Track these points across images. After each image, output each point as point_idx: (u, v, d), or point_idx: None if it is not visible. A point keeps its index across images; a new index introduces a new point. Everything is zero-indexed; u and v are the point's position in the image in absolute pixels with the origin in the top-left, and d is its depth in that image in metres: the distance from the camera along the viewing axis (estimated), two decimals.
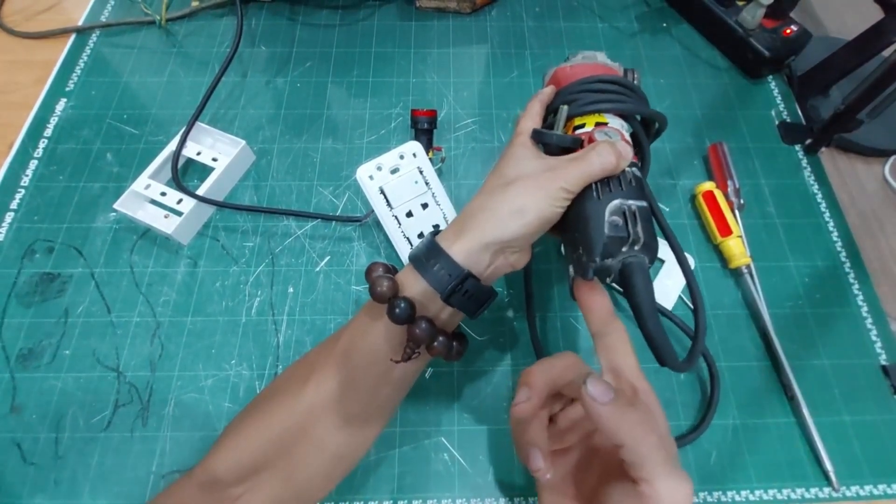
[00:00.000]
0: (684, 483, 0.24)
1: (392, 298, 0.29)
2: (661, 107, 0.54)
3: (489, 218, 0.29)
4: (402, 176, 0.42)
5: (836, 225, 0.48)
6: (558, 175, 0.29)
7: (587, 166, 0.29)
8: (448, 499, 0.37)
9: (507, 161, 0.32)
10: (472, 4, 0.59)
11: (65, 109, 0.53)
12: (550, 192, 0.29)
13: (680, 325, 0.42)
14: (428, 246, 0.30)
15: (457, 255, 0.29)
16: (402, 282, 0.30)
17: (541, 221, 0.29)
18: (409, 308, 0.28)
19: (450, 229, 0.31)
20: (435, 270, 0.29)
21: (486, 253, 0.29)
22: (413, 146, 0.42)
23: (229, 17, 0.60)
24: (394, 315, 0.28)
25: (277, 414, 0.31)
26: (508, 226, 0.29)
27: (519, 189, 0.29)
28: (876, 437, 0.39)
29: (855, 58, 0.49)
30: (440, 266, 0.29)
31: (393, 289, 0.29)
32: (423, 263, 0.29)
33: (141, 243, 0.46)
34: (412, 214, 0.43)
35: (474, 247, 0.29)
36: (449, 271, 0.29)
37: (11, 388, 0.40)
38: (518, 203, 0.29)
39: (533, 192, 0.29)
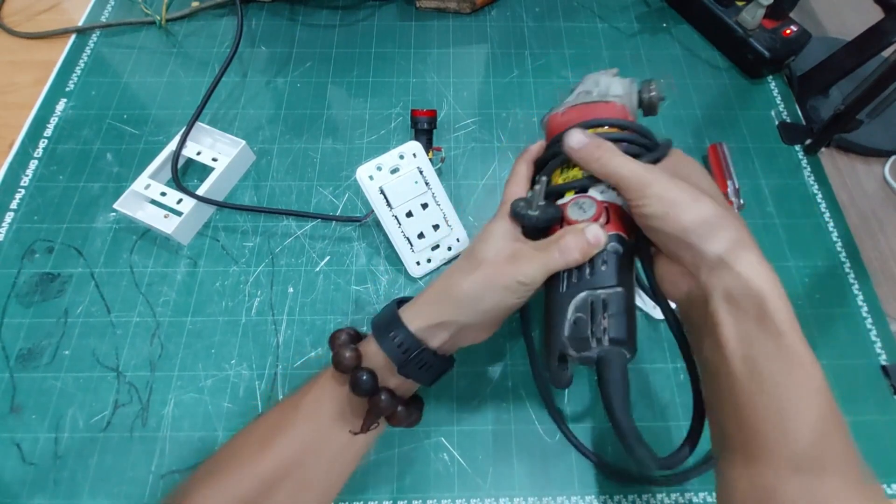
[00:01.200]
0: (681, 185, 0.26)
1: (355, 369, 0.29)
2: (661, 106, 0.54)
3: (447, 300, 0.30)
4: (401, 176, 0.42)
5: (835, 225, 0.48)
6: (518, 268, 0.28)
7: (548, 261, 0.28)
8: (448, 499, 0.37)
9: (481, 237, 0.31)
10: (472, 4, 0.59)
11: (65, 110, 0.53)
12: (508, 285, 0.28)
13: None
14: (388, 315, 0.30)
15: (415, 327, 0.29)
16: (364, 351, 0.30)
17: (499, 311, 0.29)
18: (371, 380, 0.29)
19: (415, 300, 0.31)
20: (394, 341, 0.29)
21: (443, 330, 0.30)
22: (413, 146, 0.42)
23: (229, 18, 0.60)
24: (358, 387, 0.29)
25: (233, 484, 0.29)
26: (464, 312, 0.29)
27: (479, 277, 0.29)
28: (876, 438, 0.39)
29: (855, 58, 0.49)
30: (399, 337, 0.29)
31: (356, 359, 0.29)
32: (382, 333, 0.29)
33: (141, 243, 0.46)
34: (412, 214, 0.43)
35: (432, 323, 0.29)
36: (406, 343, 0.29)
37: (11, 387, 0.40)
38: (475, 291, 0.29)
39: (492, 281, 0.29)
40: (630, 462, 0.37)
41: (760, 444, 0.23)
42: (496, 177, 0.50)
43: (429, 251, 0.44)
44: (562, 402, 0.40)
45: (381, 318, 0.31)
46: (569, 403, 0.40)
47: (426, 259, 0.44)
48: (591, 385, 0.41)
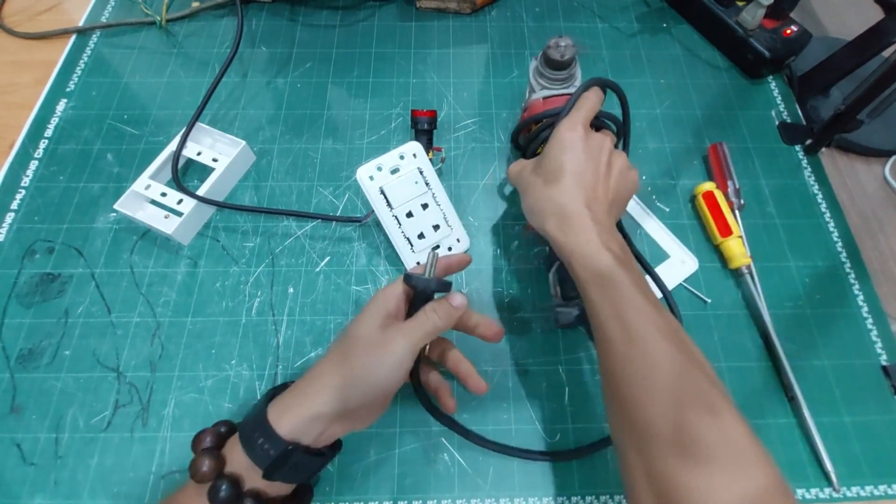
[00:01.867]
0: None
1: (216, 479, 0.27)
2: (662, 107, 0.54)
3: (319, 392, 0.29)
4: (402, 176, 0.42)
5: (836, 225, 0.48)
6: (390, 348, 0.29)
7: (418, 334, 0.30)
8: (448, 499, 0.37)
9: (353, 323, 0.31)
10: (473, 5, 0.59)
11: (65, 110, 0.53)
12: (386, 363, 0.29)
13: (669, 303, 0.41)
14: (256, 417, 0.29)
15: (283, 427, 0.28)
16: (228, 455, 0.29)
17: (377, 394, 0.29)
18: (231, 488, 0.27)
19: (286, 394, 0.30)
20: (259, 444, 0.28)
21: (317, 423, 0.28)
22: (413, 146, 0.42)
23: (229, 18, 0.60)
24: (216, 498, 0.27)
25: None
26: (338, 403, 0.28)
27: (351, 363, 0.29)
28: (876, 438, 0.39)
29: (855, 58, 0.49)
30: (263, 440, 0.28)
31: (216, 468, 0.28)
32: (248, 436, 0.28)
33: (141, 244, 0.46)
34: (412, 215, 0.43)
35: (303, 419, 0.28)
36: (272, 446, 0.27)
37: (11, 388, 0.40)
38: (348, 378, 0.29)
39: (365, 365, 0.29)
40: None
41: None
42: (496, 177, 0.50)
43: (428, 251, 0.44)
44: (563, 406, 0.40)
45: (249, 416, 0.29)
46: (569, 403, 0.40)
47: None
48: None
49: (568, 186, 0.34)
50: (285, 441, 0.28)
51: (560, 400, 0.40)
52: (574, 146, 0.35)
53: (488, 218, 0.48)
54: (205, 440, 0.29)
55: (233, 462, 0.28)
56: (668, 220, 0.47)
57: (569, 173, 0.34)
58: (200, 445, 0.29)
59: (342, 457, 0.38)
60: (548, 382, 0.41)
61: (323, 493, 0.37)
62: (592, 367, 0.42)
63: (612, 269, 0.31)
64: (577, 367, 0.42)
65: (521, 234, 0.40)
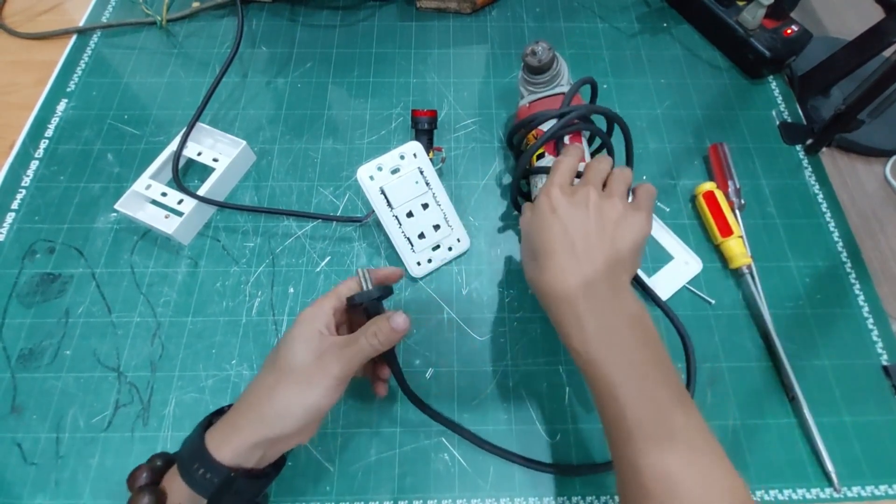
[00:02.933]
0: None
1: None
2: (662, 107, 0.54)
3: (256, 419, 0.28)
4: (402, 176, 0.42)
5: (836, 225, 0.48)
6: (327, 369, 0.29)
7: (355, 353, 0.30)
8: (448, 499, 0.37)
9: (282, 346, 0.30)
10: (473, 5, 0.59)
11: (66, 110, 0.53)
12: (319, 389, 0.29)
13: (669, 314, 0.41)
14: (193, 446, 0.28)
15: (224, 455, 0.28)
16: (168, 488, 0.28)
17: (313, 414, 0.29)
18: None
19: (221, 424, 0.29)
20: (200, 474, 0.27)
21: (257, 450, 0.28)
22: (413, 146, 0.42)
23: (230, 18, 0.60)
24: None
25: None
26: (277, 427, 0.28)
27: (286, 388, 0.29)
28: (877, 438, 0.39)
29: (856, 58, 0.49)
30: (204, 469, 0.27)
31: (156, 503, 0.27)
32: (186, 467, 0.28)
33: (141, 244, 0.46)
34: (412, 214, 0.43)
35: (242, 447, 0.28)
36: (213, 475, 0.27)
37: (12, 388, 0.40)
38: (284, 403, 0.28)
39: (302, 389, 0.29)
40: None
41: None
42: (496, 177, 0.50)
43: (429, 251, 0.44)
44: (563, 406, 0.40)
45: (186, 448, 0.29)
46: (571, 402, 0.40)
47: (427, 259, 0.44)
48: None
49: (555, 270, 0.31)
50: (227, 468, 0.27)
51: (560, 400, 0.40)
52: (553, 223, 0.32)
53: (488, 218, 0.48)
54: (140, 476, 0.29)
55: (174, 494, 0.28)
56: (669, 220, 0.47)
57: (553, 253, 0.32)
58: (137, 482, 0.29)
59: (342, 456, 0.38)
60: (548, 382, 0.41)
61: (323, 493, 0.37)
62: None
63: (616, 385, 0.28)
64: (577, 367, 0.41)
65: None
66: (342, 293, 0.33)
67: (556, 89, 0.43)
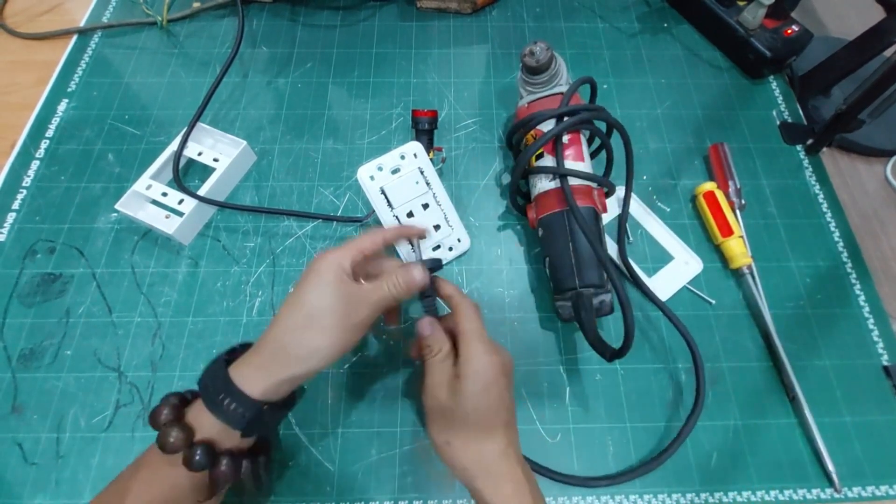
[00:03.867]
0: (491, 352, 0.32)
1: (188, 448, 0.29)
2: (662, 107, 0.54)
3: (285, 359, 0.30)
4: (402, 176, 0.42)
5: (837, 225, 0.48)
6: (356, 314, 0.31)
7: (379, 300, 0.32)
8: (449, 499, 0.37)
9: (307, 288, 0.31)
10: (473, 5, 0.59)
11: (66, 110, 0.53)
12: (351, 329, 0.31)
13: (671, 318, 0.41)
14: (218, 382, 0.30)
15: (254, 390, 0.29)
16: (195, 423, 0.30)
17: (340, 354, 0.31)
18: (206, 453, 0.29)
19: (246, 362, 0.31)
20: (231, 409, 0.29)
21: (284, 385, 0.30)
22: (414, 146, 0.42)
23: (230, 18, 0.60)
24: (193, 465, 0.28)
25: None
26: (305, 365, 0.30)
27: (318, 332, 0.30)
28: (877, 438, 0.39)
29: (856, 58, 0.49)
30: (235, 404, 0.29)
31: (186, 437, 0.29)
32: (213, 400, 0.29)
33: (142, 244, 0.46)
34: (413, 214, 0.43)
35: (272, 384, 0.30)
36: (244, 408, 0.29)
37: (13, 388, 0.40)
38: (315, 345, 0.30)
39: (332, 332, 0.30)
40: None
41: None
42: (497, 177, 0.50)
43: (430, 251, 0.44)
44: (564, 405, 0.40)
45: (211, 383, 0.30)
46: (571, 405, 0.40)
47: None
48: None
49: (493, 433, 0.32)
50: (258, 402, 0.29)
51: (561, 400, 0.40)
52: (493, 385, 0.32)
53: (489, 218, 0.48)
54: (162, 414, 0.30)
55: (202, 429, 0.29)
56: (669, 220, 0.47)
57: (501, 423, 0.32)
58: (160, 419, 0.30)
59: (343, 456, 0.38)
60: (548, 382, 0.41)
61: (324, 493, 0.37)
62: (593, 367, 0.42)
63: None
64: (577, 367, 0.42)
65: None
66: (365, 247, 0.34)
67: (554, 89, 0.43)
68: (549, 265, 0.40)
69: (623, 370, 0.41)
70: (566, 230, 0.39)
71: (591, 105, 0.42)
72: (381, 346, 0.42)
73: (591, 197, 0.41)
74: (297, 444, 0.39)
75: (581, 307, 0.37)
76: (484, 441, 0.32)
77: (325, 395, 0.40)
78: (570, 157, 0.41)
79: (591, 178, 0.40)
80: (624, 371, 0.41)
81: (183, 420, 0.30)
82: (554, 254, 0.40)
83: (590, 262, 0.38)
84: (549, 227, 0.41)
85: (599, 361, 0.41)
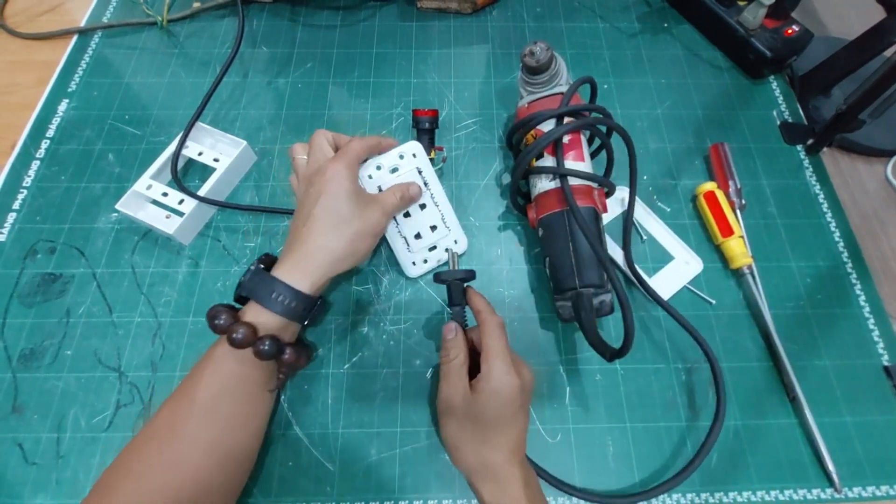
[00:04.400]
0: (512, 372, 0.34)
1: (256, 341, 0.33)
2: (663, 107, 0.54)
3: (329, 261, 0.35)
4: (401, 176, 0.42)
5: (837, 225, 0.48)
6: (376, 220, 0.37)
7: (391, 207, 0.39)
8: (449, 499, 0.37)
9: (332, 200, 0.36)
10: (473, 5, 0.59)
11: (67, 110, 0.53)
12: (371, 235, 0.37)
13: (675, 316, 0.41)
14: (264, 284, 0.34)
15: (305, 287, 0.35)
16: (254, 321, 0.34)
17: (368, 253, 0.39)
18: (275, 344, 0.33)
19: (288, 264, 0.35)
20: (289, 304, 0.34)
21: (327, 282, 0.36)
22: (413, 146, 0.42)
23: (230, 18, 0.60)
24: (263, 354, 0.33)
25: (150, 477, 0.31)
26: (344, 266, 0.36)
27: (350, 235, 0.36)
28: (878, 438, 0.39)
29: (857, 58, 0.49)
30: (291, 300, 0.34)
31: (253, 333, 0.33)
32: (270, 300, 0.34)
33: (142, 244, 0.46)
34: (410, 215, 0.43)
35: (317, 280, 0.35)
36: (302, 303, 0.35)
37: (13, 388, 0.40)
38: (352, 248, 0.36)
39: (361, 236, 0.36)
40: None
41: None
42: (497, 177, 0.50)
43: (426, 251, 0.44)
44: (564, 406, 0.40)
45: (258, 286, 0.34)
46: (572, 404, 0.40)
47: (422, 259, 0.44)
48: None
49: (501, 442, 0.33)
50: (312, 296, 0.35)
51: (561, 400, 0.40)
52: (508, 405, 0.33)
53: (489, 218, 0.48)
54: (221, 315, 0.33)
55: (262, 325, 0.34)
56: (669, 220, 0.47)
57: (507, 427, 0.33)
58: (221, 321, 0.33)
59: (343, 456, 0.38)
60: (549, 382, 0.41)
61: (324, 493, 0.37)
62: (593, 367, 0.42)
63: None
64: (577, 367, 0.42)
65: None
66: (360, 156, 0.39)
67: (554, 89, 0.43)
68: (549, 265, 0.40)
69: (623, 370, 0.41)
70: (566, 230, 0.39)
71: (592, 105, 0.42)
72: (381, 346, 0.42)
73: (591, 197, 0.41)
74: (298, 444, 0.39)
75: (581, 307, 0.37)
76: (492, 449, 0.33)
77: (325, 395, 0.40)
78: (571, 157, 0.41)
79: (592, 178, 0.40)
80: (624, 371, 0.41)
81: (242, 320, 0.33)
82: (554, 254, 0.40)
83: (590, 262, 0.38)
84: (549, 227, 0.41)
85: (599, 361, 0.41)
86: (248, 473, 0.35)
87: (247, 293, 0.34)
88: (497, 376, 0.33)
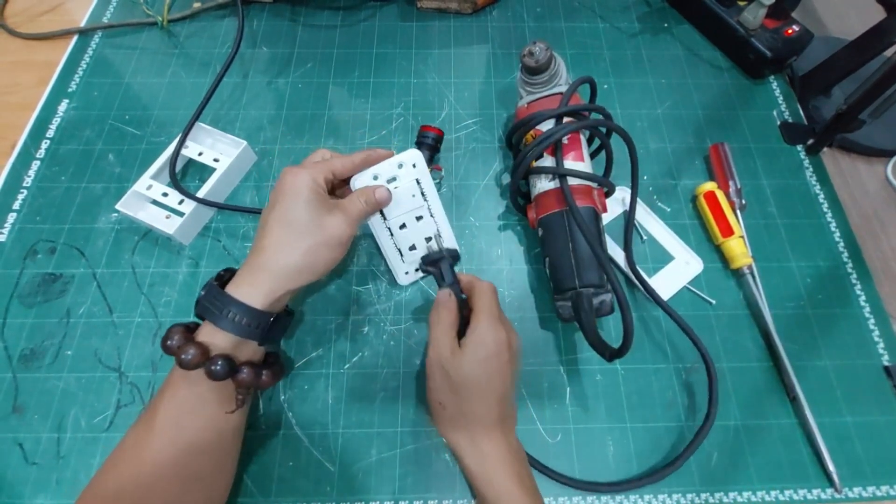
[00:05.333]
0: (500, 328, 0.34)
1: (207, 361, 0.31)
2: (663, 107, 0.54)
3: (284, 275, 0.33)
4: (398, 187, 0.39)
5: (837, 225, 0.48)
6: (337, 230, 0.34)
7: (353, 216, 0.35)
8: (449, 499, 0.37)
9: (294, 208, 0.34)
10: (473, 5, 0.59)
11: (67, 110, 0.53)
12: (332, 247, 0.34)
13: (673, 317, 0.42)
14: (217, 302, 0.32)
15: (260, 303, 0.33)
16: (208, 341, 0.32)
17: (331, 266, 0.35)
18: (226, 363, 0.31)
19: (242, 280, 0.33)
20: (243, 322, 0.32)
21: (287, 296, 0.34)
22: (413, 155, 0.39)
23: (230, 19, 0.60)
24: (214, 375, 0.31)
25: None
26: (301, 279, 0.34)
27: (306, 248, 0.33)
28: (878, 438, 0.39)
29: (857, 58, 0.49)
30: (245, 317, 0.32)
31: (202, 354, 0.31)
32: (224, 318, 0.32)
33: (142, 244, 0.46)
34: (405, 226, 0.40)
35: (273, 298, 0.33)
36: (256, 320, 0.32)
37: (13, 388, 0.40)
38: (308, 261, 0.34)
39: (319, 248, 0.34)
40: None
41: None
42: (497, 177, 0.50)
43: (419, 262, 0.43)
44: (564, 406, 0.40)
45: (213, 304, 0.32)
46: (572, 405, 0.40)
47: (415, 269, 0.43)
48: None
49: (486, 396, 0.33)
50: (267, 313, 0.33)
51: (561, 400, 0.40)
52: (493, 357, 0.34)
53: (489, 218, 0.48)
54: (174, 336, 0.32)
55: (216, 345, 0.32)
56: (670, 221, 0.47)
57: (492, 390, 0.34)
58: (172, 341, 0.32)
59: (343, 457, 0.38)
60: (549, 382, 0.41)
61: (324, 493, 0.37)
62: (593, 367, 0.42)
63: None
64: (577, 367, 0.42)
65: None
66: (336, 169, 0.37)
67: (554, 89, 0.43)
68: (549, 265, 0.40)
69: (623, 370, 0.41)
70: (566, 230, 0.39)
71: (592, 105, 0.42)
72: (381, 346, 0.42)
73: (590, 197, 0.41)
74: (297, 444, 0.39)
75: (581, 307, 0.37)
76: (475, 410, 0.33)
77: (325, 395, 0.40)
78: (570, 157, 0.41)
79: (591, 177, 0.40)
80: (624, 371, 0.41)
81: (194, 340, 0.32)
82: (554, 254, 0.40)
83: (589, 263, 0.38)
84: (549, 227, 0.41)
85: (599, 361, 0.41)
86: (224, 493, 0.34)
87: (200, 311, 0.33)
88: (483, 327, 0.34)
